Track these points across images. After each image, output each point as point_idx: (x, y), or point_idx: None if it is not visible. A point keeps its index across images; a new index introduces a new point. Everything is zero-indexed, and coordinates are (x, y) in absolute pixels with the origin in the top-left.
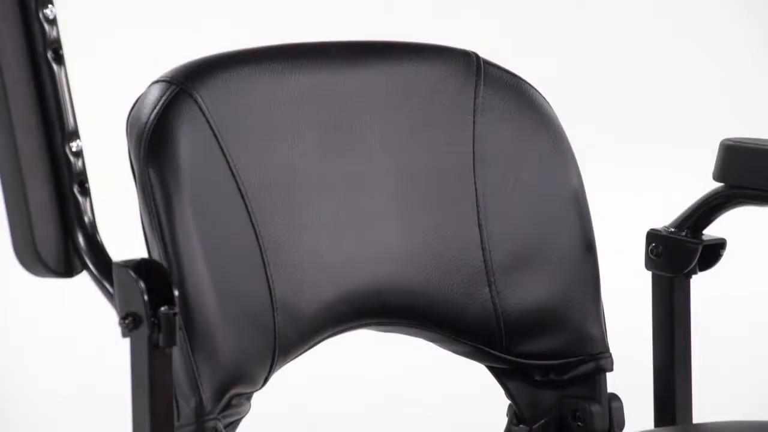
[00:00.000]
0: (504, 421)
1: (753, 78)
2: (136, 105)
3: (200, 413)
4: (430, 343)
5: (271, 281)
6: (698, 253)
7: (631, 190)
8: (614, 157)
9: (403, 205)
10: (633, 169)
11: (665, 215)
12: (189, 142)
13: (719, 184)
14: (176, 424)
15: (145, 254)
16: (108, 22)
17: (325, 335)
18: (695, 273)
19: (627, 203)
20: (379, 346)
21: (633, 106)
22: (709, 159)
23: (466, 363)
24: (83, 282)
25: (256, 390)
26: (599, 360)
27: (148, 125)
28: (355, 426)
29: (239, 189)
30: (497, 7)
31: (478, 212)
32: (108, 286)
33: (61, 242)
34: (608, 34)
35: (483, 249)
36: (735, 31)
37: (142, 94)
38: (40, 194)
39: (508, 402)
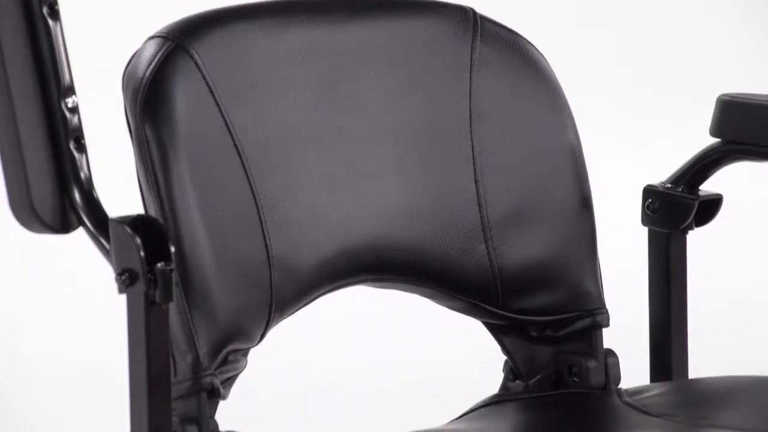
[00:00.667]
0: (500, 377)
1: (753, 31)
2: (132, 61)
3: (197, 369)
4: (426, 299)
5: (267, 238)
6: (694, 209)
7: (627, 146)
8: (611, 113)
9: (400, 161)
10: (630, 125)
11: (661, 171)
12: (185, 98)
13: (716, 140)
14: (173, 380)
15: (141, 210)
16: None
17: (322, 291)
18: (691, 229)
19: (623, 159)
20: (376, 303)
21: (631, 62)
22: (706, 116)
23: (462, 319)
24: (80, 238)
25: (253, 346)
26: (595, 316)
27: (144, 81)
28: (352, 379)
29: (236, 146)
30: None
31: (474, 169)
32: (104, 242)
33: (58, 198)
34: None
35: (479, 205)
36: None
37: (138, 50)
38: (37, 150)
39: (504, 358)
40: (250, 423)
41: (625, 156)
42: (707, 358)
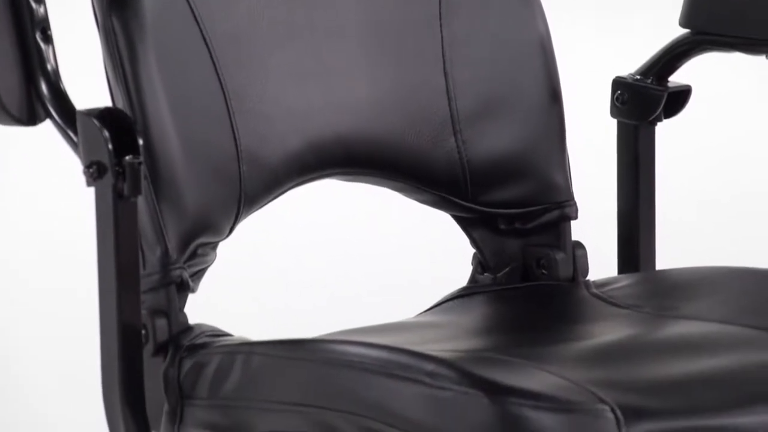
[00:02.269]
0: (469, 269)
1: None
2: None
3: (165, 262)
4: (396, 193)
5: (236, 130)
6: (663, 100)
7: (597, 38)
8: (581, 4)
9: (369, 54)
10: (599, 16)
11: (631, 63)
12: None
13: (685, 31)
14: (142, 272)
15: (109, 103)
16: None
17: (291, 185)
18: (660, 120)
19: (593, 51)
20: (345, 197)
21: None
22: (676, 6)
23: (431, 212)
24: (46, 130)
25: (222, 240)
26: (564, 208)
27: None
28: (320, 272)
29: (204, 37)
30: None
31: (444, 61)
32: (72, 134)
33: (24, 90)
34: None
35: (449, 98)
36: None
37: None
38: (2, 41)
39: (473, 251)
40: (219, 316)
41: (594, 47)
42: (675, 251)
